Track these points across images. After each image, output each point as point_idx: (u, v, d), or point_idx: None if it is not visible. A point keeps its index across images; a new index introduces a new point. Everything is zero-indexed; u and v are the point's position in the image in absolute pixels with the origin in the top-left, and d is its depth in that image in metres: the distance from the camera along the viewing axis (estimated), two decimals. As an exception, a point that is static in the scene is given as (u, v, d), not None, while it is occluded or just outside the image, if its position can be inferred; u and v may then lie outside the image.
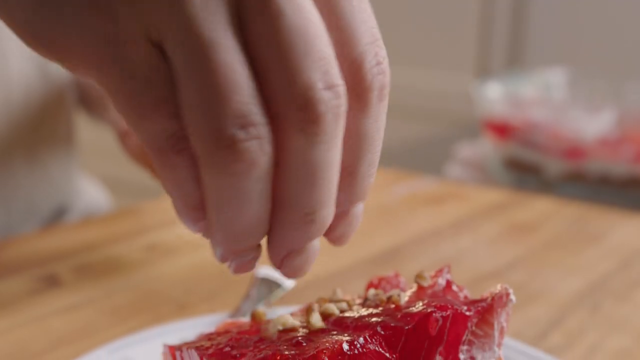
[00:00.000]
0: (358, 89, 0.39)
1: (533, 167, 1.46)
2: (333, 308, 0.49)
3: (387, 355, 0.46)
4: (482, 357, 0.49)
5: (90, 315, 0.75)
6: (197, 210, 0.41)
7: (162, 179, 0.41)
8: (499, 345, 0.50)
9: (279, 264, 0.43)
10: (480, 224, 1.07)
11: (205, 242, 0.43)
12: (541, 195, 1.23)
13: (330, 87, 0.36)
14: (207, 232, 0.43)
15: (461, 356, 0.48)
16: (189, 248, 0.94)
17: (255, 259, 0.44)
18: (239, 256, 0.43)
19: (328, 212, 0.41)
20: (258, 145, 0.36)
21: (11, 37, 0.46)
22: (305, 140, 0.37)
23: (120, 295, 0.80)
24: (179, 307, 0.77)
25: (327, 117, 0.36)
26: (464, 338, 0.48)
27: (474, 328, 0.49)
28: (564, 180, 1.41)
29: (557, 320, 0.75)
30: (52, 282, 0.82)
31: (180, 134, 0.37)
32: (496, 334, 0.49)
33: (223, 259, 0.44)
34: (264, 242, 0.43)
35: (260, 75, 0.36)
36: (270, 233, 0.41)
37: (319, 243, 0.44)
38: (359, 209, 0.45)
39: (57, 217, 1.11)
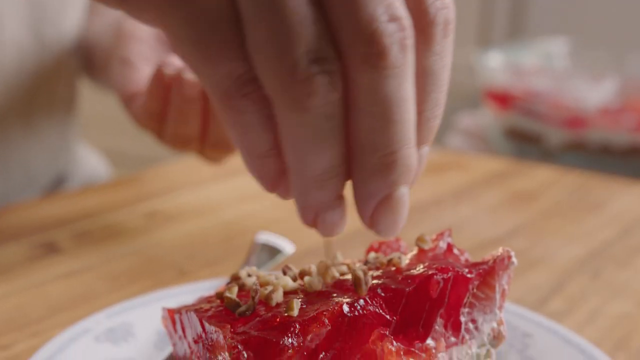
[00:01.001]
0: (422, 23, 0.38)
1: (534, 137, 1.45)
2: (333, 271, 0.49)
3: (388, 317, 0.46)
4: (483, 319, 0.49)
5: (89, 282, 0.74)
6: (265, 158, 0.41)
7: (228, 126, 0.40)
8: (500, 307, 0.49)
9: (370, 221, 0.43)
10: (480, 193, 1.06)
11: (207, 210, 0.43)
12: (542, 165, 1.22)
13: (394, 19, 0.36)
14: (283, 189, 0.44)
15: (462, 318, 0.48)
16: (190, 215, 0.93)
17: (341, 215, 0.43)
18: (324, 212, 0.43)
19: (409, 153, 0.39)
20: (331, 79, 0.36)
21: (5, 1, 0.45)
22: (374, 74, 0.36)
23: (120, 262, 0.79)
24: (180, 273, 0.77)
25: (394, 49, 0.36)
26: (465, 300, 0.48)
27: (475, 290, 0.48)
28: (565, 150, 1.41)
29: (558, 286, 0.75)
30: (51, 249, 0.82)
31: (248, 75, 0.37)
32: (497, 296, 0.49)
33: (307, 217, 0.43)
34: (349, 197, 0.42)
35: (326, 13, 0.36)
36: (353, 184, 0.41)
37: (408, 193, 0.42)
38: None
39: (56, 185, 1.11)
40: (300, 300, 0.46)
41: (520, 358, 0.57)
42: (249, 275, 0.51)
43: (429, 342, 0.47)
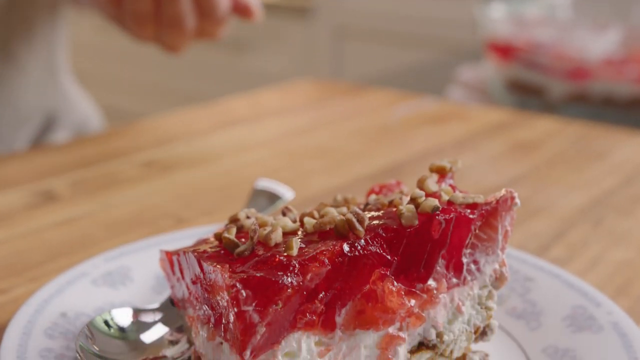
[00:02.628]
0: None
1: (536, 89, 1.44)
2: (333, 212, 0.48)
3: (388, 257, 0.45)
4: (485, 260, 0.48)
5: (87, 229, 0.74)
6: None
7: None
8: (503, 249, 0.49)
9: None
10: (482, 143, 1.05)
11: (204, 160, 0.42)
12: (544, 115, 1.21)
13: None
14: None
15: (464, 259, 0.48)
16: (187, 165, 0.93)
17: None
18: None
19: None
20: None
21: None
22: None
23: (118, 210, 0.79)
24: (178, 221, 0.76)
25: None
26: (467, 241, 0.47)
27: (477, 231, 0.48)
28: (567, 102, 1.39)
29: (559, 233, 0.75)
30: (48, 197, 0.81)
31: None
32: (500, 237, 0.48)
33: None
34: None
35: None
36: None
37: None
38: None
39: (47, 126, 1.09)
40: (299, 240, 0.45)
41: (521, 302, 0.56)
42: (248, 217, 0.50)
43: (430, 282, 0.46)
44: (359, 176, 0.90)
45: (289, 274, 0.42)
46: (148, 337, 0.50)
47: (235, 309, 0.41)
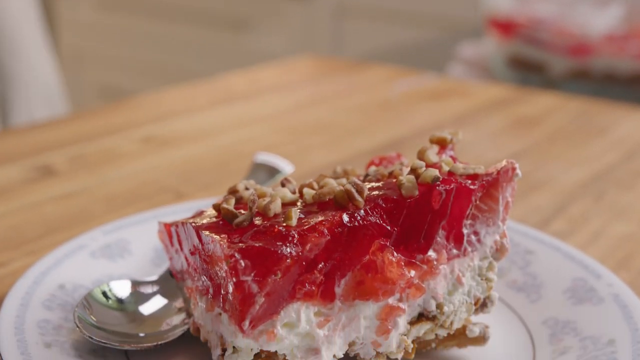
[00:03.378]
0: None
1: (537, 65, 1.43)
2: (332, 182, 0.47)
3: (388, 228, 0.45)
4: (486, 232, 0.48)
5: (85, 203, 0.73)
6: None
7: None
8: (504, 220, 0.48)
9: None
10: (483, 119, 1.05)
11: (203, 135, 0.42)
12: (545, 91, 1.20)
13: None
14: None
15: (464, 231, 0.47)
16: (186, 140, 0.92)
17: None
18: None
19: None
20: None
21: None
22: None
23: (116, 184, 0.78)
24: (176, 195, 0.76)
25: None
26: (467, 212, 0.47)
27: (478, 202, 0.47)
28: (569, 78, 1.39)
29: (560, 208, 0.74)
30: (46, 172, 0.81)
31: None
32: (501, 208, 0.48)
33: None
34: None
35: None
36: None
37: None
38: None
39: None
40: (298, 210, 0.45)
41: (522, 274, 0.56)
42: (247, 189, 0.50)
43: (430, 253, 0.46)
44: (358, 151, 0.89)
45: (288, 244, 0.42)
46: (146, 308, 0.50)
47: (234, 279, 0.41)
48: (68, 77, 3.06)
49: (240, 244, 0.42)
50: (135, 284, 0.51)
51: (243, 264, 0.41)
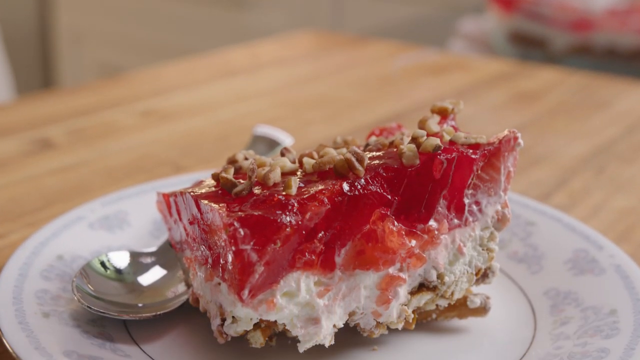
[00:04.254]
0: None
1: (538, 41, 1.42)
2: (332, 152, 0.47)
3: (389, 197, 0.44)
4: (487, 201, 0.47)
5: (84, 176, 0.73)
6: None
7: None
8: (505, 190, 0.48)
9: None
10: (483, 93, 1.04)
11: (202, 109, 0.42)
12: (546, 66, 1.20)
13: None
14: None
15: (466, 200, 0.47)
16: (185, 114, 0.91)
17: None
18: None
19: None
20: None
21: None
22: None
23: (115, 158, 0.78)
24: (175, 169, 0.75)
25: None
26: (469, 182, 0.46)
27: (479, 172, 0.47)
28: (570, 54, 1.38)
29: (561, 181, 0.74)
30: (45, 145, 0.80)
31: None
32: (503, 178, 0.47)
33: None
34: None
35: None
36: None
37: None
38: None
39: None
40: (298, 179, 0.44)
41: (523, 246, 0.56)
42: (246, 159, 0.49)
43: (431, 223, 0.45)
44: (359, 125, 0.89)
45: (287, 213, 0.41)
46: (145, 279, 0.50)
47: (233, 248, 0.40)
48: (67, 56, 3.05)
49: (239, 213, 0.41)
50: (134, 254, 0.51)
51: (242, 233, 0.40)
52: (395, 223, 0.44)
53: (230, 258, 0.41)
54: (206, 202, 0.44)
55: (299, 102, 0.98)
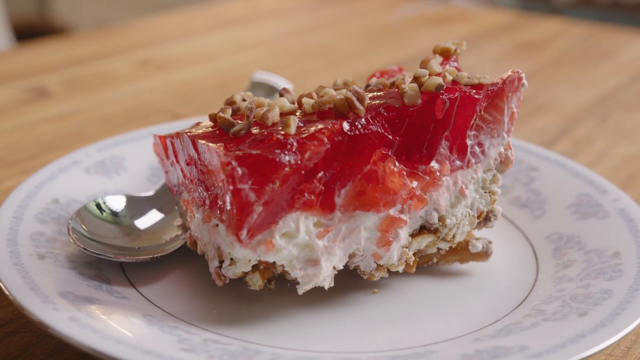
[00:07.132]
0: None
1: (541, -8, 1.40)
2: (332, 92, 0.46)
3: (390, 137, 0.43)
4: (490, 143, 0.47)
5: (80, 124, 0.72)
6: None
7: None
8: (509, 132, 0.47)
9: None
10: (486, 43, 1.02)
11: (200, 59, 0.41)
12: (549, 17, 1.18)
13: None
14: None
15: (468, 142, 0.46)
16: (183, 64, 0.90)
17: None
18: None
19: None
20: None
21: None
22: None
23: (112, 106, 0.77)
24: (173, 117, 0.74)
25: None
26: (472, 123, 0.45)
27: (482, 112, 0.46)
28: (573, 5, 1.36)
29: (565, 129, 0.73)
30: (41, 93, 0.79)
31: None
32: (506, 119, 0.46)
33: None
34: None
35: None
36: None
37: None
38: None
39: None
40: (297, 119, 0.43)
41: (525, 191, 0.55)
42: (244, 100, 0.48)
43: (433, 164, 0.45)
44: (358, 74, 0.88)
45: (286, 152, 0.40)
46: (142, 223, 0.49)
47: (231, 187, 0.39)
48: (64, 12, 3.01)
49: (237, 152, 0.40)
50: (131, 198, 0.50)
51: (240, 172, 0.39)
52: (397, 164, 0.43)
53: (228, 198, 0.40)
54: (203, 142, 0.43)
55: (298, 51, 0.97)
